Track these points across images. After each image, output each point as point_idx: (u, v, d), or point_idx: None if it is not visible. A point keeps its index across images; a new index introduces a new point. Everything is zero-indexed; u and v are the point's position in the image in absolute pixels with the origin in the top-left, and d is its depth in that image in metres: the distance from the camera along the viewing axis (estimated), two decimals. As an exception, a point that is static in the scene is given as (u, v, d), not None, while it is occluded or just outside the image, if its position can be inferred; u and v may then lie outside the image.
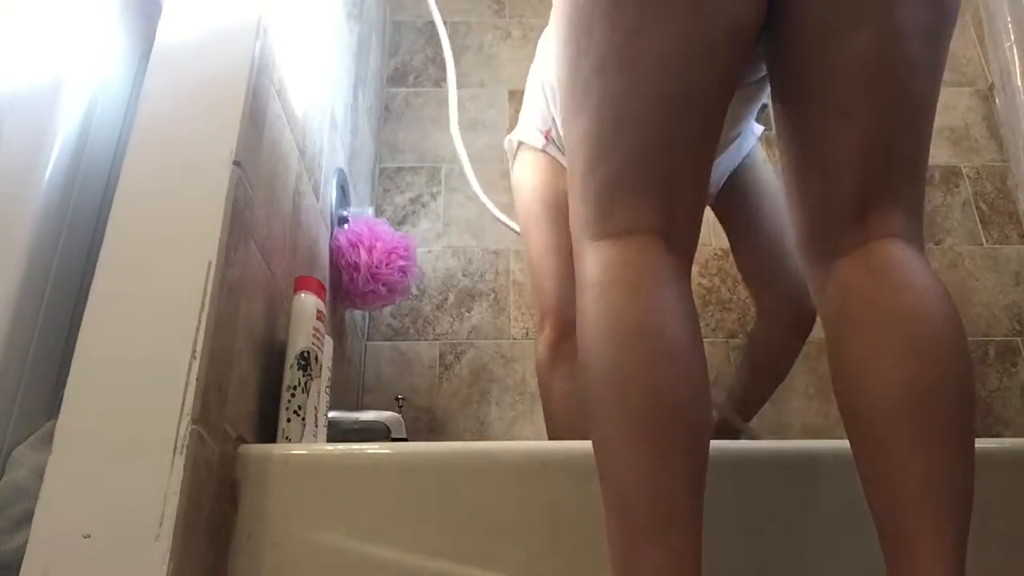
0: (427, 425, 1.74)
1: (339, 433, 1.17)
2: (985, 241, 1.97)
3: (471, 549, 0.84)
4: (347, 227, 1.48)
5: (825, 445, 0.89)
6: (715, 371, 1.79)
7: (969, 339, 1.87)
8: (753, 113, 1.31)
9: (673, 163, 0.76)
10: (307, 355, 1.01)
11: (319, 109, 1.36)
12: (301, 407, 0.98)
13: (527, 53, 1.52)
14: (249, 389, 0.93)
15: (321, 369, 1.05)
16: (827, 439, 0.90)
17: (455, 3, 2.24)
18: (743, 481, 0.87)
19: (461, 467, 0.89)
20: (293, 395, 0.98)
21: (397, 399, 1.64)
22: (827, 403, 1.78)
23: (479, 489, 0.87)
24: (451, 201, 1.99)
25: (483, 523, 0.86)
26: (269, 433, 0.97)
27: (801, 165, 0.80)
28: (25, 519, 0.73)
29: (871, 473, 0.68)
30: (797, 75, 0.80)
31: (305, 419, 0.98)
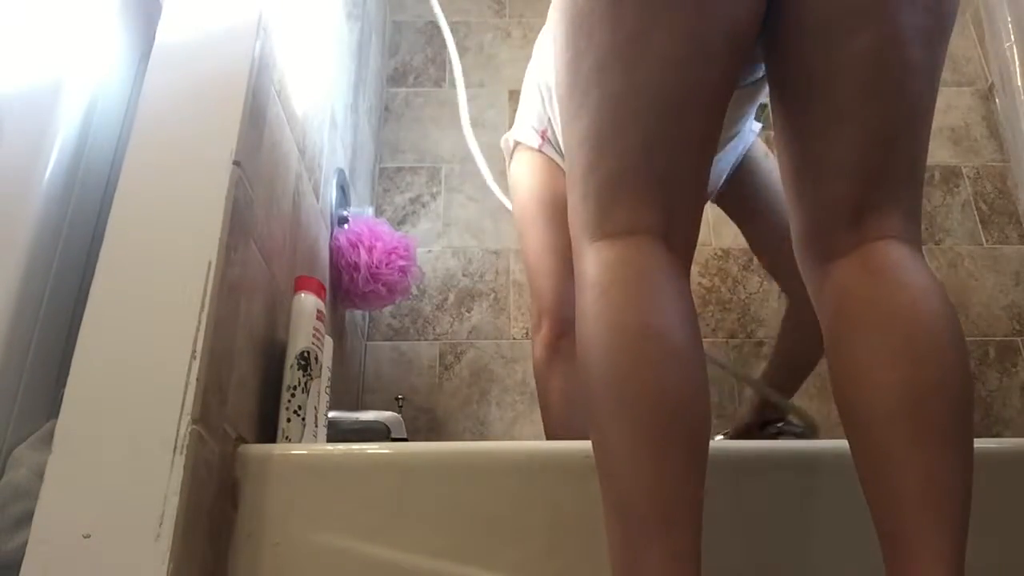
0: (427, 425, 1.74)
1: (339, 433, 1.17)
2: (985, 241, 1.97)
3: (471, 549, 0.84)
4: (347, 227, 1.48)
5: (825, 445, 0.89)
6: (715, 371, 1.79)
7: (969, 339, 1.88)
8: (751, 112, 1.31)
9: (672, 163, 0.76)
10: (307, 355, 1.01)
11: (319, 109, 1.36)
12: (301, 407, 0.98)
13: (527, 53, 1.52)
14: (249, 389, 0.93)
15: (321, 369, 1.05)
16: (827, 439, 0.90)
17: (455, 3, 2.24)
18: (743, 481, 0.87)
19: (461, 467, 0.89)
20: (293, 395, 0.98)
21: (397, 399, 1.64)
22: (827, 403, 1.78)
23: (479, 489, 0.87)
24: (451, 201, 1.99)
25: (483, 523, 0.86)
26: (269, 433, 0.97)
27: (799, 166, 0.80)
28: (25, 519, 0.73)
29: (870, 474, 0.68)
30: (795, 76, 0.80)
31: (305, 419, 0.98)
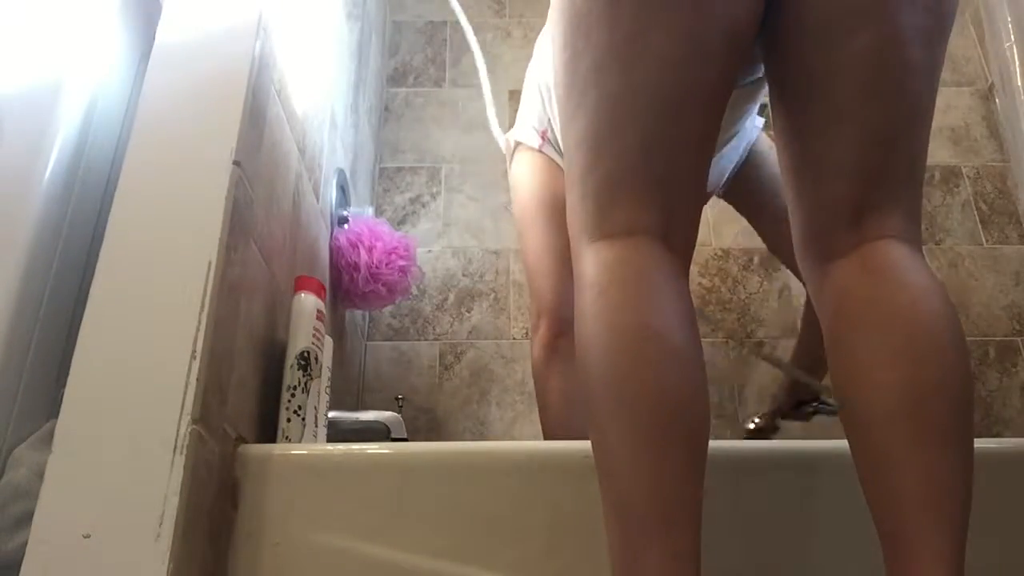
0: (427, 425, 1.74)
1: (339, 433, 1.17)
2: (985, 241, 1.97)
3: (471, 549, 0.84)
4: (347, 227, 1.48)
5: (825, 445, 0.89)
6: (715, 371, 1.79)
7: (969, 339, 1.87)
8: (751, 112, 1.31)
9: (671, 163, 0.76)
10: (307, 355, 1.01)
11: (319, 109, 1.36)
12: (301, 407, 0.98)
13: (527, 53, 1.52)
14: (249, 389, 0.93)
15: (321, 369, 1.05)
16: (827, 439, 0.90)
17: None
18: (743, 481, 0.87)
19: (461, 467, 0.89)
20: (293, 395, 0.98)
21: (397, 399, 1.64)
22: (827, 403, 1.78)
23: (479, 489, 0.87)
24: (451, 201, 1.99)
25: (483, 523, 0.86)
26: (269, 433, 0.97)
27: (798, 166, 0.80)
28: (25, 519, 0.73)
29: (870, 474, 0.68)
30: (795, 76, 0.80)
31: (305, 419, 0.98)
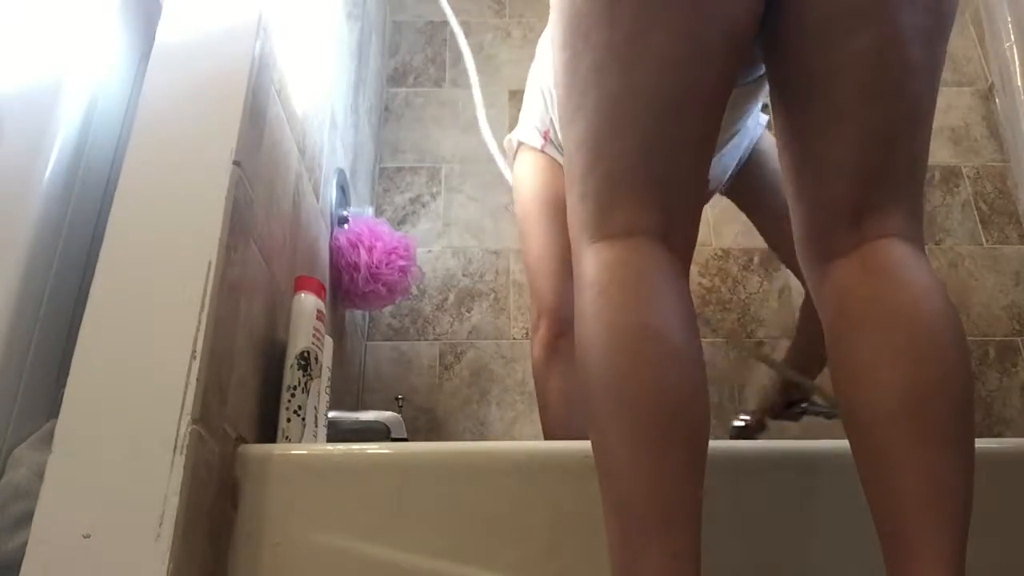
0: (427, 425, 1.74)
1: (339, 433, 1.17)
2: (985, 241, 1.97)
3: (471, 549, 0.84)
4: (347, 227, 1.48)
5: (825, 445, 0.89)
6: (715, 371, 1.79)
7: (969, 339, 1.87)
8: (753, 110, 1.31)
9: (671, 163, 0.76)
10: (307, 355, 1.01)
11: (319, 109, 1.36)
12: (301, 407, 0.98)
13: (527, 53, 1.52)
14: (249, 389, 0.93)
15: (321, 369, 1.05)
16: (827, 439, 0.90)
17: (455, 3, 2.24)
18: (743, 481, 0.87)
19: (461, 467, 0.89)
20: (293, 395, 0.98)
21: (397, 399, 1.64)
22: (827, 403, 1.78)
23: (479, 489, 0.87)
24: (451, 201, 1.99)
25: (483, 523, 0.86)
26: (269, 433, 0.97)
27: (799, 165, 0.80)
28: (25, 519, 0.73)
29: (871, 474, 0.68)
30: (795, 76, 0.80)
31: (305, 419, 0.98)
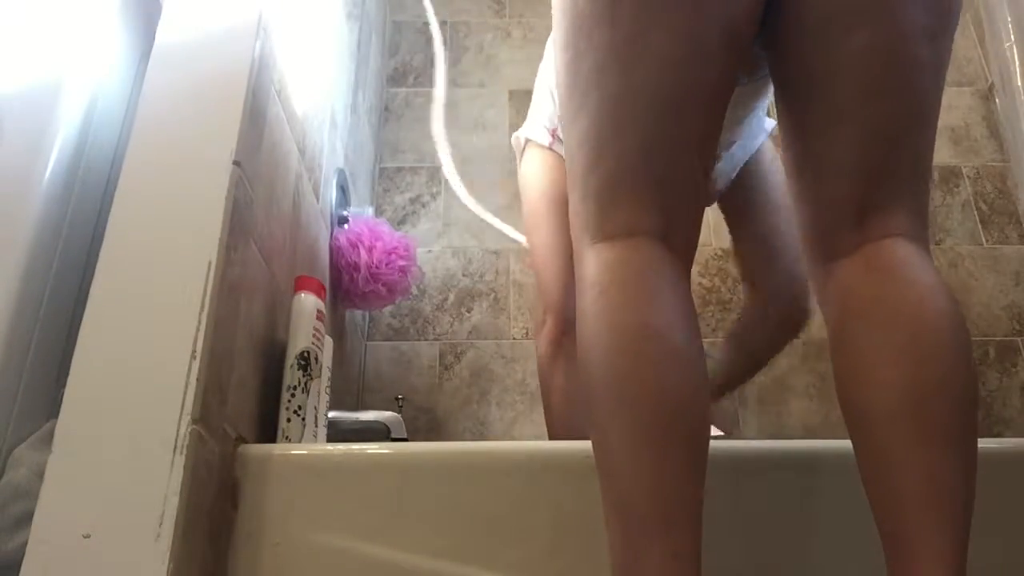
0: (427, 425, 1.74)
1: (339, 433, 1.17)
2: (985, 241, 1.97)
3: (471, 549, 0.84)
4: (347, 227, 1.48)
5: (825, 445, 0.89)
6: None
7: (969, 339, 1.85)
8: (756, 111, 1.30)
9: (671, 164, 0.76)
10: (307, 355, 1.01)
11: (319, 109, 1.36)
12: (301, 407, 0.98)
13: (527, 53, 1.53)
14: (249, 389, 0.93)
15: (321, 369, 1.05)
16: (827, 439, 0.90)
17: (455, 3, 2.24)
18: (743, 481, 0.87)
19: (461, 467, 0.89)
20: (293, 395, 0.98)
21: (397, 399, 1.64)
22: (827, 403, 1.78)
23: (479, 489, 0.87)
24: (451, 201, 1.99)
25: (483, 523, 0.86)
26: (269, 433, 0.97)
27: (803, 165, 0.80)
28: (25, 519, 0.73)
29: (873, 473, 0.68)
30: (797, 75, 0.80)
31: (305, 419, 0.98)
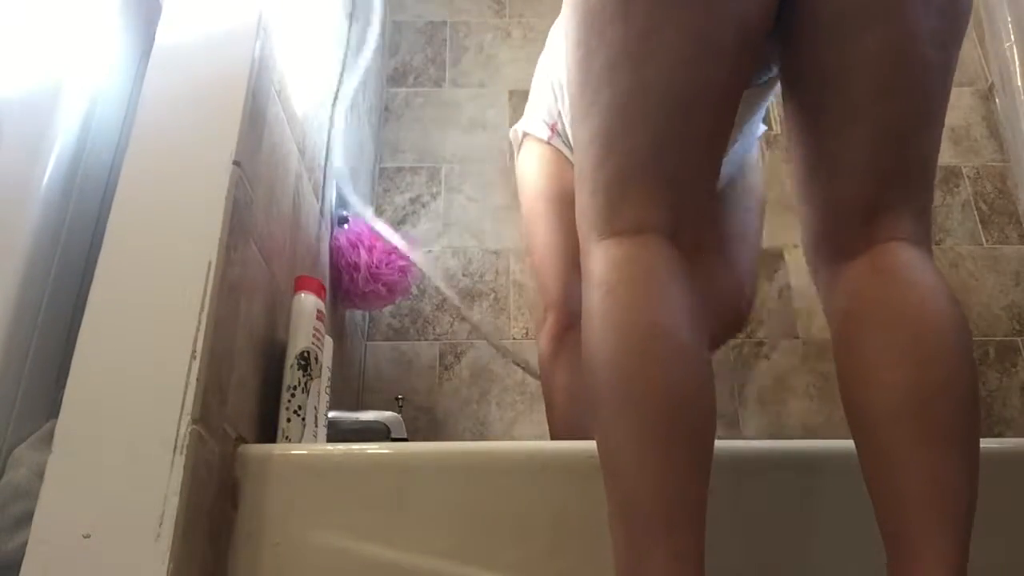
0: (427, 425, 1.74)
1: (339, 433, 1.17)
2: (985, 241, 1.97)
3: (471, 549, 0.84)
4: (347, 227, 1.48)
5: (825, 445, 0.89)
6: (715, 371, 1.79)
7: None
8: (757, 115, 1.30)
9: (682, 162, 0.76)
10: (307, 355, 1.01)
11: (319, 109, 1.36)
12: (301, 407, 0.98)
13: (527, 53, 1.52)
14: (249, 389, 0.93)
15: (321, 369, 1.05)
16: (827, 439, 0.90)
17: (455, 3, 2.24)
18: (743, 481, 0.87)
19: (461, 467, 0.89)
20: (293, 395, 0.98)
21: (397, 399, 1.64)
22: (827, 403, 1.78)
23: (479, 489, 0.87)
24: (451, 201, 1.99)
25: (483, 523, 0.86)
26: (269, 433, 0.97)
27: (816, 164, 0.80)
28: (25, 519, 0.73)
29: (876, 473, 0.68)
30: (809, 75, 0.80)
31: (305, 419, 0.98)
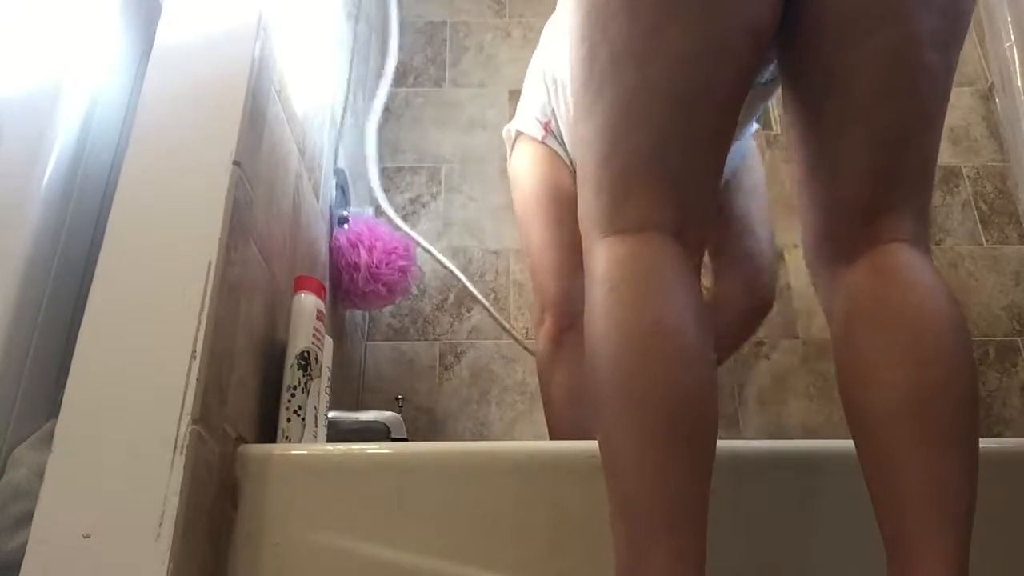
0: (427, 425, 1.74)
1: (339, 433, 1.17)
2: (985, 241, 1.97)
3: (471, 549, 0.84)
4: (347, 227, 1.48)
5: (825, 445, 0.89)
6: (719, 372, 1.79)
7: (969, 339, 1.86)
8: (757, 115, 1.31)
9: (685, 160, 0.76)
10: (307, 355, 1.01)
11: (319, 109, 1.36)
12: (301, 407, 0.98)
13: (527, 53, 1.52)
14: (249, 389, 0.93)
15: (321, 369, 1.05)
16: (827, 439, 0.90)
17: (455, 3, 2.24)
18: (743, 481, 0.87)
19: (461, 467, 0.89)
20: (293, 395, 0.98)
21: (397, 399, 1.64)
22: (827, 403, 1.78)
23: (479, 489, 0.87)
24: (451, 201, 1.99)
25: (483, 523, 0.86)
26: (269, 433, 0.97)
27: (814, 165, 0.80)
28: (25, 519, 0.73)
29: (876, 473, 0.68)
30: (811, 76, 0.80)
31: (305, 419, 0.98)
